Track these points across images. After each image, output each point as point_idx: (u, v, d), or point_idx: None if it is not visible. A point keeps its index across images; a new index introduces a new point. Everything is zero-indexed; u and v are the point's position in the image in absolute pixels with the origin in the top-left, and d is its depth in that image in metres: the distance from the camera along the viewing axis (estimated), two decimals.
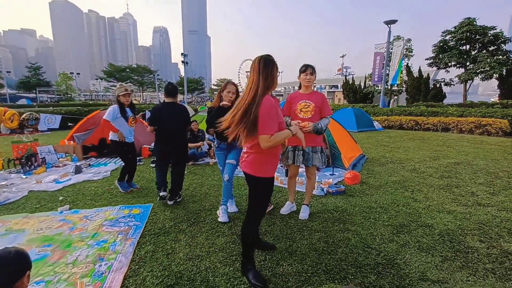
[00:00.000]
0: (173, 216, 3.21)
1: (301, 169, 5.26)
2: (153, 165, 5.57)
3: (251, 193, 2.04)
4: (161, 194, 3.58)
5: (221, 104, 3.03)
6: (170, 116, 3.53)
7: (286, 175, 4.87)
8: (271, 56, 1.90)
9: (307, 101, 3.00)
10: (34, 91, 50.41)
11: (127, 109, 3.94)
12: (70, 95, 59.35)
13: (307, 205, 3.25)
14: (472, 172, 5.07)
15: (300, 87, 3.14)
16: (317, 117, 2.99)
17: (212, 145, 5.91)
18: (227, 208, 3.24)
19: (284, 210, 3.30)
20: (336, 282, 2.06)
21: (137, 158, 5.97)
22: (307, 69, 3.00)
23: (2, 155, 5.36)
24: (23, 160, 5.10)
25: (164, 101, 3.66)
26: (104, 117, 3.77)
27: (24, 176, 4.73)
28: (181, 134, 3.70)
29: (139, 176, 4.87)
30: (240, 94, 2.30)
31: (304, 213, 3.17)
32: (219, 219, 3.08)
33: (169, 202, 3.56)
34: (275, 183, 4.34)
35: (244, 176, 2.07)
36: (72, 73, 59.40)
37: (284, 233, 2.81)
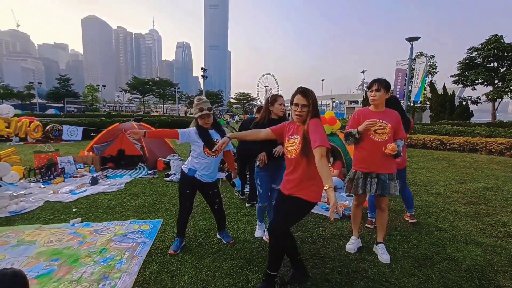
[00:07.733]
0: None
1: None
2: (167, 178, 5.57)
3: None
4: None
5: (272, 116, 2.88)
6: None
7: None
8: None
9: (382, 121, 2.58)
10: (62, 102, 53.46)
11: (211, 132, 2.81)
12: (95, 106, 62.42)
13: (383, 242, 2.80)
14: (503, 198, 4.68)
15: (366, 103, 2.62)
16: (392, 140, 2.60)
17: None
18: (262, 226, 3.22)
19: (351, 248, 2.81)
20: None
21: (153, 171, 6.05)
22: (372, 85, 2.64)
23: (24, 164, 5.56)
24: (43, 170, 5.27)
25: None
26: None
27: (43, 186, 4.86)
28: None
29: (151, 190, 4.87)
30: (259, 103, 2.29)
31: (386, 255, 2.68)
32: (256, 234, 3.17)
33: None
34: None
35: None
36: (99, 85, 62.69)
37: None
